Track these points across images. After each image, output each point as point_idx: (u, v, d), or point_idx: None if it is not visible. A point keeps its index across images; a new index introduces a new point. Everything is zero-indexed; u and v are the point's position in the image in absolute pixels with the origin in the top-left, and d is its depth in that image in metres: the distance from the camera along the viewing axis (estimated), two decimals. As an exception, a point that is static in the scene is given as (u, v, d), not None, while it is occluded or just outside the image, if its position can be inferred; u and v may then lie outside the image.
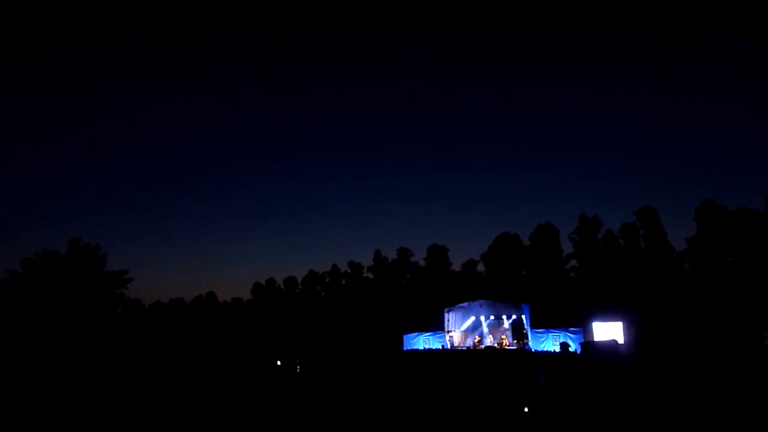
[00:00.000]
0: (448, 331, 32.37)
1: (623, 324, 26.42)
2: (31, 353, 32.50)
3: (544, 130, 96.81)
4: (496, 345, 30.35)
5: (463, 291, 38.30)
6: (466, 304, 32.68)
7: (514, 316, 30.99)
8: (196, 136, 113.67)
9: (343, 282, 54.40)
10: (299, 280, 58.49)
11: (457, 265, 47.84)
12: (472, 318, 32.67)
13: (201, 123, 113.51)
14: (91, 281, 48.49)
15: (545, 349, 27.39)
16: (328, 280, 55.81)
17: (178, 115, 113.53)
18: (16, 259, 64.93)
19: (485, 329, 31.86)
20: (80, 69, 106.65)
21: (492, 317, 31.98)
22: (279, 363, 26.43)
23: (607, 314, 27.26)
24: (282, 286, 60.05)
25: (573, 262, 40.74)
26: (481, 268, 45.69)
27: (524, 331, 29.83)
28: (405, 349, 32.16)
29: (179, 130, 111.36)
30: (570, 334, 27.30)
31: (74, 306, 46.75)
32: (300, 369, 24.57)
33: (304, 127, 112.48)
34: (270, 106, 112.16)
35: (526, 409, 10.65)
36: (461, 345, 32.09)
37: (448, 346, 31.34)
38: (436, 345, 31.42)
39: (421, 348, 31.49)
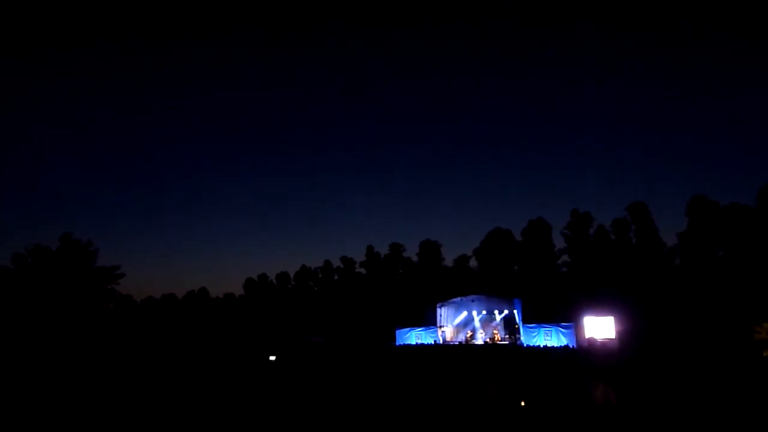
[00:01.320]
0: (441, 327, 32.41)
1: (614, 319, 26.58)
2: (22, 349, 32.25)
3: (536, 127, 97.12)
4: (488, 340, 30.42)
5: (456, 286, 38.34)
6: (458, 299, 32.73)
7: (506, 311, 31.08)
8: (188, 133, 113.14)
9: (336, 277, 54.35)
10: (292, 275, 58.44)
11: (449, 261, 48.00)
12: (465, 313, 32.73)
13: (192, 120, 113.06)
14: (83, 277, 48.19)
15: (537, 344, 27.48)
16: (320, 275, 55.73)
17: (171, 112, 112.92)
18: (6, 255, 64.44)
19: (477, 324, 31.95)
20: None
21: (484, 312, 32.05)
22: (272, 358, 26.31)
23: (599, 309, 27.40)
24: (274, 282, 59.91)
25: (565, 258, 40.94)
26: (473, 263, 45.83)
27: (516, 326, 29.93)
28: (397, 344, 32.17)
29: (172, 127, 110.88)
30: (562, 329, 27.41)
31: (66, 301, 46.46)
32: (291, 364, 24.49)
33: (297, 124, 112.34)
34: (262, 104, 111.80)
35: (522, 403, 10.66)
36: (453, 340, 32.14)
37: (441, 342, 31.37)
38: (428, 340, 31.44)
39: (414, 343, 31.53)
